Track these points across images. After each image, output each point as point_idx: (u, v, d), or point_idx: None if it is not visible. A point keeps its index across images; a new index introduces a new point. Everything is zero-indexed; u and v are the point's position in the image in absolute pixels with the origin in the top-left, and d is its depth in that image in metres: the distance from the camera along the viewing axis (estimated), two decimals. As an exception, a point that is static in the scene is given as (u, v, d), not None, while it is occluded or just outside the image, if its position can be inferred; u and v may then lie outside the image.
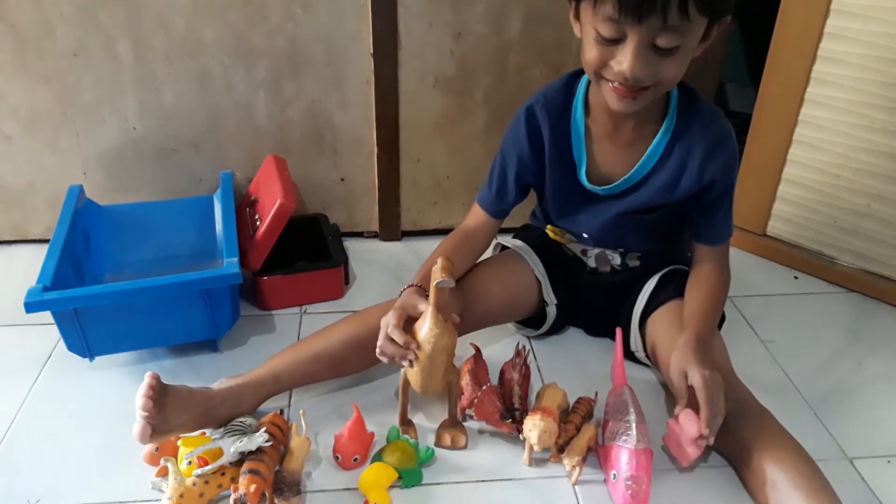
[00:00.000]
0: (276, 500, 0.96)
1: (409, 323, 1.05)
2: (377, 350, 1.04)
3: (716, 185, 1.11)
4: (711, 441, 0.97)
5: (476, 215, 1.24)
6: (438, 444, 1.09)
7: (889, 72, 1.31)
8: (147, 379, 1.00)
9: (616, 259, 1.24)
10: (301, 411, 1.06)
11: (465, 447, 1.09)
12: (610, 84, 0.99)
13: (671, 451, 1.05)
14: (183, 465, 0.98)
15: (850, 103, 1.37)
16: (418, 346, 1.01)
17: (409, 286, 1.11)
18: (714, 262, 1.18)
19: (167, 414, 0.99)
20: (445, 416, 1.12)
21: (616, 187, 1.14)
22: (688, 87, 1.11)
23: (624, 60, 0.94)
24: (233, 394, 1.07)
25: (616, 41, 0.94)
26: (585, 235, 1.23)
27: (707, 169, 1.09)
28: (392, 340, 1.03)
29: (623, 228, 1.19)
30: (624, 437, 0.99)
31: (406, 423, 1.12)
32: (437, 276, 0.97)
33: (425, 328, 1.01)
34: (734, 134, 1.11)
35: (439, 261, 0.99)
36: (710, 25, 0.96)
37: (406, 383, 1.08)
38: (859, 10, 1.31)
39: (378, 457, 1.04)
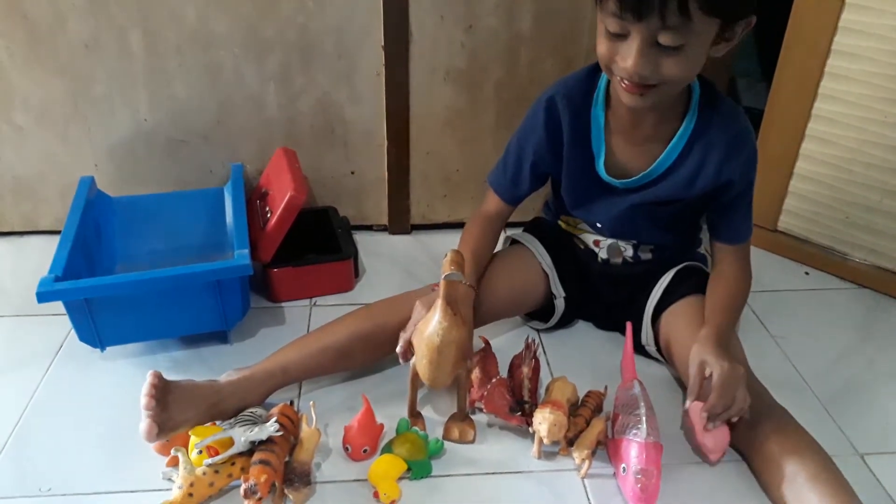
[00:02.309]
0: (286, 491, 0.97)
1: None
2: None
3: (734, 184, 1.11)
4: (716, 425, 1.00)
5: (493, 200, 1.26)
6: (446, 437, 1.09)
7: (903, 66, 1.31)
8: (149, 378, 1.00)
9: (629, 251, 1.24)
10: (311, 402, 1.06)
11: (472, 441, 1.09)
12: (619, 79, 1.00)
13: (697, 448, 1.06)
14: (193, 455, 0.98)
15: (863, 98, 1.37)
16: (426, 339, 1.01)
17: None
18: (735, 261, 1.18)
19: (171, 411, 0.99)
20: (454, 409, 1.12)
21: (634, 182, 1.14)
22: (709, 84, 1.11)
23: (628, 58, 0.95)
24: (241, 386, 1.08)
25: (621, 37, 0.95)
26: (599, 225, 1.23)
27: (725, 168, 1.09)
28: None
29: (637, 219, 1.19)
30: (634, 431, 0.99)
31: (415, 415, 1.12)
32: (446, 269, 0.97)
33: (434, 321, 1.01)
34: (754, 132, 1.11)
35: (448, 253, 0.99)
36: (728, 25, 0.95)
37: (415, 375, 1.08)
38: (874, 4, 1.30)
39: (388, 448, 1.04)
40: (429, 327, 1.01)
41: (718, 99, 1.10)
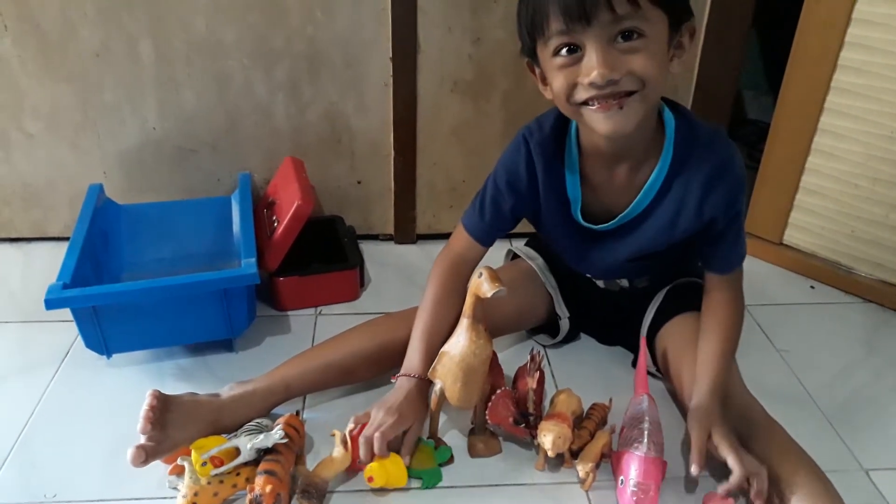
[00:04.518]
0: (299, 499, 0.97)
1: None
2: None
3: (718, 220, 1.04)
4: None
5: (465, 242, 1.17)
6: (472, 454, 1.08)
7: (910, 82, 1.31)
8: (148, 398, 0.99)
9: (624, 282, 1.23)
10: (348, 428, 1.04)
11: (501, 451, 1.09)
12: (590, 107, 0.92)
13: None
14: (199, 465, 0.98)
15: (870, 112, 1.37)
16: (461, 363, 1.00)
17: (409, 376, 1.07)
18: (726, 290, 1.11)
19: (170, 430, 0.99)
20: (453, 427, 1.12)
21: (612, 224, 1.09)
22: (685, 115, 1.04)
23: (591, 68, 0.88)
24: (244, 402, 1.08)
25: (575, 55, 0.90)
26: (589, 276, 1.23)
27: (706, 207, 1.03)
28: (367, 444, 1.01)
29: (626, 269, 1.18)
30: (636, 445, 0.99)
31: (436, 440, 1.10)
32: (489, 287, 0.95)
33: (465, 342, 1.00)
34: (738, 158, 1.03)
35: (484, 272, 0.97)
36: (673, 27, 0.91)
37: (440, 401, 1.07)
38: (881, 20, 1.31)
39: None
40: (459, 350, 1.01)
41: (695, 128, 1.03)
